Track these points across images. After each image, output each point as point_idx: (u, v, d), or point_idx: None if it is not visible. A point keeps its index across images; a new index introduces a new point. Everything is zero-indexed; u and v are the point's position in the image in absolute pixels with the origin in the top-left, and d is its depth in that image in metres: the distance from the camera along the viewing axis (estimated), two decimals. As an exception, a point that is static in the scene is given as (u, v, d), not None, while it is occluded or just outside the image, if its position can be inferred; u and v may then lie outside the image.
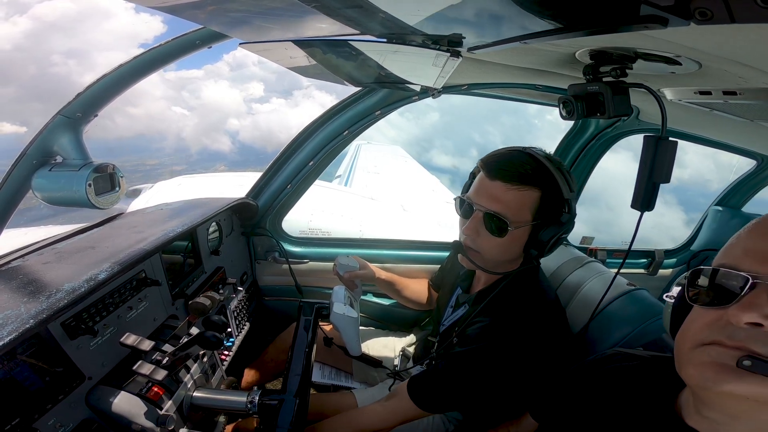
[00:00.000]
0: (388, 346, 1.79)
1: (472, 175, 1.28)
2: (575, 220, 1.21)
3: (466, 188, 1.28)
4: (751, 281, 0.53)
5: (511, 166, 1.15)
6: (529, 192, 1.14)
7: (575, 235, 2.09)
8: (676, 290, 0.85)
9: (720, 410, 0.61)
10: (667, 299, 1.03)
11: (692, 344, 0.59)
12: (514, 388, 1.19)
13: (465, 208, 1.22)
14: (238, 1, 0.64)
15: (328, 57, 1.04)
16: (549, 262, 1.75)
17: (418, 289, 1.82)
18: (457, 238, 1.27)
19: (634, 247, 1.13)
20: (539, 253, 1.20)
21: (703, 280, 0.60)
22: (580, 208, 1.25)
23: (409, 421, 1.28)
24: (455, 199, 1.28)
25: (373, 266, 1.69)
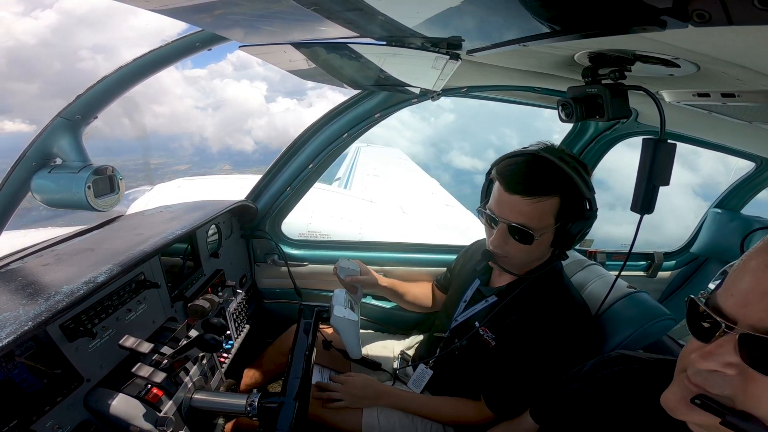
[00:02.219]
0: (387, 349, 1.79)
1: (489, 180, 1.30)
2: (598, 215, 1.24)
3: (485, 193, 1.32)
4: (722, 328, 0.53)
5: (527, 179, 1.16)
6: (549, 200, 1.16)
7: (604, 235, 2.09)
8: None
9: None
10: None
11: (679, 368, 0.61)
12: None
13: (489, 219, 1.26)
14: (238, 4, 0.65)
15: (327, 60, 1.05)
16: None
17: (421, 292, 1.83)
18: (486, 248, 1.31)
19: (633, 250, 1.13)
20: (565, 247, 1.27)
21: (691, 309, 0.60)
22: (630, 213, 1.26)
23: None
24: (478, 211, 1.32)
25: (375, 273, 1.69)
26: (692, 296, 0.60)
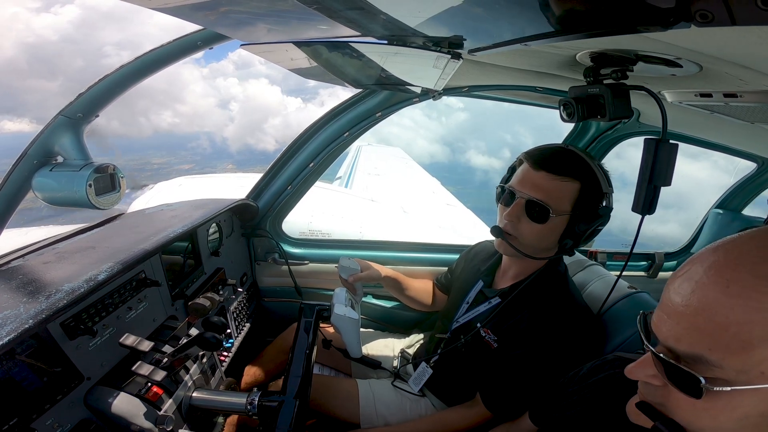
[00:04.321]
0: (387, 348, 1.79)
1: (512, 169, 1.35)
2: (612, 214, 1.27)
3: (505, 179, 1.35)
4: (645, 347, 0.58)
5: (555, 158, 1.23)
6: (570, 183, 1.21)
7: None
8: None
9: None
10: None
11: None
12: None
13: (507, 195, 1.29)
14: (239, 2, 0.64)
15: (329, 59, 1.05)
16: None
17: (422, 288, 1.82)
18: (497, 224, 1.33)
19: (634, 250, 1.13)
20: (574, 243, 1.27)
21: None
22: (677, 211, 1.26)
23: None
24: (497, 188, 1.35)
25: (377, 265, 1.68)
26: (642, 311, 0.64)
